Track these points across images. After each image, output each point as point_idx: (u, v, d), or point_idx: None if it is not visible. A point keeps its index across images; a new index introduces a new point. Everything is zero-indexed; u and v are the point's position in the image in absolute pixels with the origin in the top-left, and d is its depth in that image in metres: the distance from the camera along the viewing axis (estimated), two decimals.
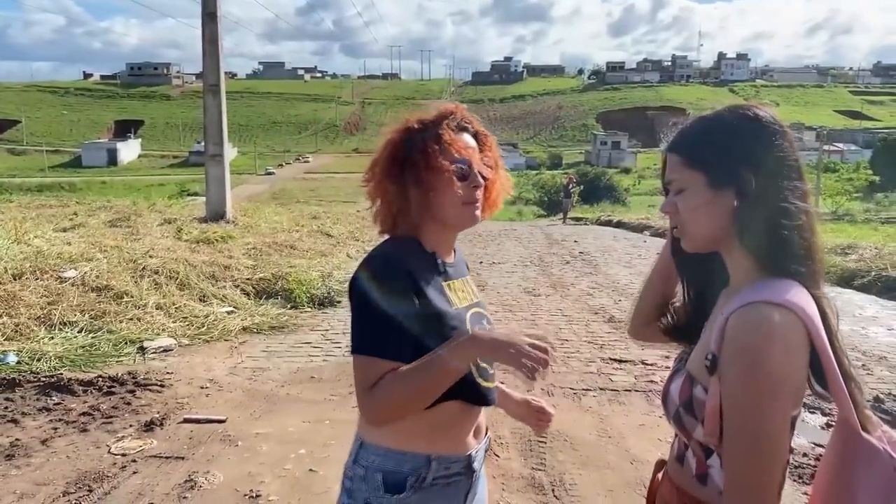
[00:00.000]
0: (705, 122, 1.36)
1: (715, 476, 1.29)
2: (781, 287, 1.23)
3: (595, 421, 4.62)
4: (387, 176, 1.59)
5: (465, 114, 1.66)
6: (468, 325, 1.58)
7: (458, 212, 1.60)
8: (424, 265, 1.58)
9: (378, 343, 1.48)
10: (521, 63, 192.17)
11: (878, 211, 44.20)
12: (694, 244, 1.37)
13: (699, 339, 1.41)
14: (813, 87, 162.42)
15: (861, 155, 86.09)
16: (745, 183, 1.27)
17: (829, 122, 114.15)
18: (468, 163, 1.59)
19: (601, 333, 6.90)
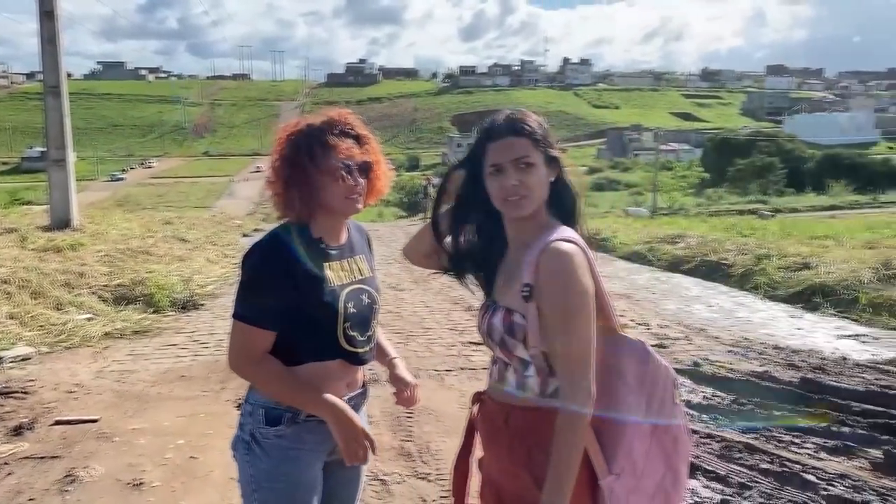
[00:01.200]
0: (531, 116, 1.81)
1: (531, 383, 1.70)
2: (568, 231, 1.72)
3: (456, 396, 5.06)
4: (280, 174, 1.92)
5: (348, 119, 2.00)
6: (342, 301, 1.93)
7: (342, 203, 1.94)
8: (308, 247, 1.90)
9: (256, 314, 1.85)
10: (375, 65, 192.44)
11: (709, 205, 48.31)
12: (529, 209, 1.75)
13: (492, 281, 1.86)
14: (649, 90, 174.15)
15: (693, 154, 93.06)
16: (559, 163, 1.78)
17: (664, 123, 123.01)
18: (348, 163, 1.93)
19: (461, 321, 7.39)
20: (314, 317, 1.90)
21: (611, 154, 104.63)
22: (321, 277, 1.91)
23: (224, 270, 10.98)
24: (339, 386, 1.97)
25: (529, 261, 1.67)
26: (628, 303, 8.29)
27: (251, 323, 1.85)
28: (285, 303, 1.84)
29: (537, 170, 1.73)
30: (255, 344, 1.86)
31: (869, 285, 7.69)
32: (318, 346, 1.92)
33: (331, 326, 1.92)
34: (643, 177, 77.33)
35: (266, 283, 1.84)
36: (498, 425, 1.77)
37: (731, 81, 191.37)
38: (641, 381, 1.73)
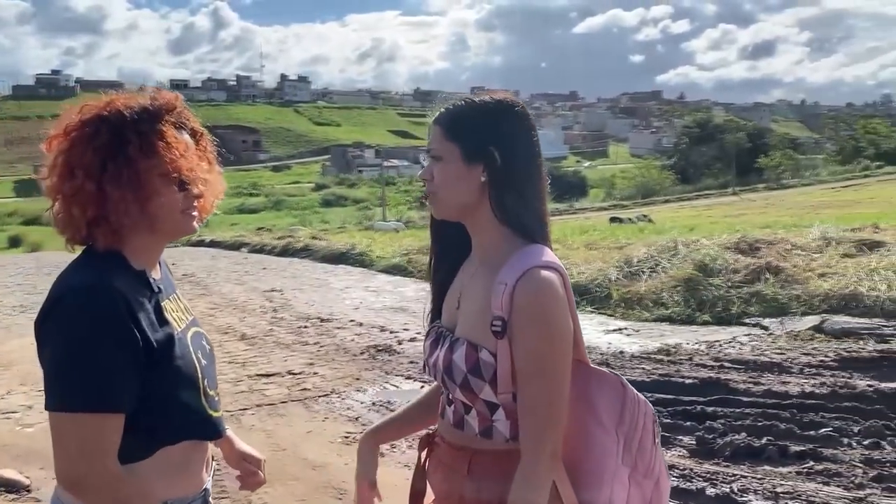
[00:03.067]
0: (467, 104, 1.48)
1: (500, 428, 1.43)
2: (541, 251, 1.42)
3: (262, 437, 4.53)
4: (86, 174, 1.30)
5: (184, 108, 1.47)
6: (192, 352, 1.43)
7: (176, 220, 1.40)
8: (135, 287, 1.34)
9: (105, 394, 1.25)
10: (72, 77, 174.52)
11: None
12: (444, 211, 1.48)
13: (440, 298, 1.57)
14: (367, 108, 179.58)
15: (412, 169, 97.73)
16: (493, 160, 1.42)
17: (384, 141, 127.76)
18: (183, 172, 1.40)
19: (238, 352, 6.74)
20: (170, 382, 1.36)
21: (336, 170, 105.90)
22: (169, 327, 1.38)
23: None
24: (199, 472, 1.47)
25: (501, 289, 1.37)
26: (408, 316, 8.23)
27: (104, 408, 1.25)
28: (132, 371, 1.28)
29: (446, 165, 1.43)
30: (111, 439, 1.27)
31: (617, 282, 8.46)
32: (178, 421, 1.38)
33: (191, 390, 1.40)
34: (369, 192, 79.56)
35: (108, 350, 1.25)
36: (459, 473, 1.48)
37: (441, 102, 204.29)
38: (619, 420, 1.50)
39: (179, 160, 1.37)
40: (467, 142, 1.42)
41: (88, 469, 1.25)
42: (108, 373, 1.25)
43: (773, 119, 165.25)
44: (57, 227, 1.38)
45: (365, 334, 7.33)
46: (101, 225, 1.33)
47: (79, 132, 1.35)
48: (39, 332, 1.30)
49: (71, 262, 1.37)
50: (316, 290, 10.58)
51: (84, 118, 1.37)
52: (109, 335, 1.25)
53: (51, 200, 1.38)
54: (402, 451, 4.26)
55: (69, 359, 1.24)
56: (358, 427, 4.68)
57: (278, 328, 7.80)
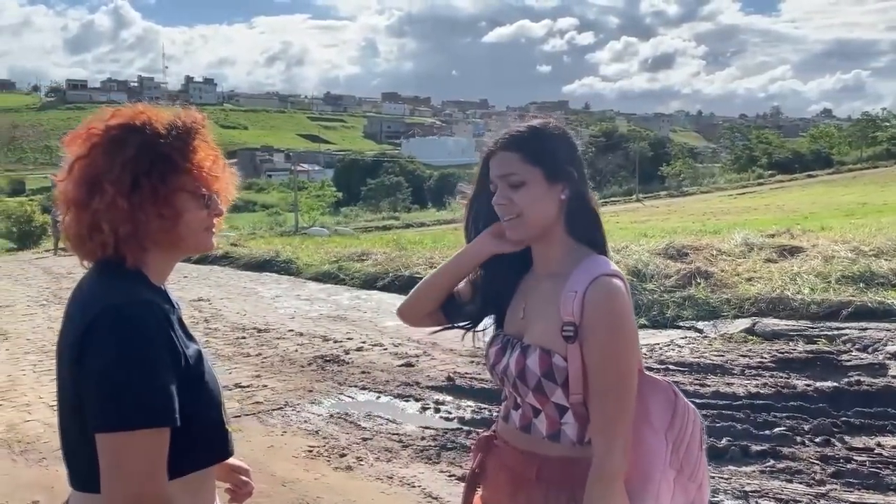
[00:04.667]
0: (537, 129, 1.56)
1: (568, 431, 1.49)
2: (605, 261, 1.52)
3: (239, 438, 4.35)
4: (118, 189, 1.25)
5: (204, 125, 1.42)
6: (211, 366, 1.41)
7: (199, 237, 1.39)
8: (162, 303, 1.32)
9: (159, 409, 1.22)
10: None
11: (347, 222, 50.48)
12: (530, 233, 1.54)
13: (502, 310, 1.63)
14: (276, 112, 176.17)
15: (324, 174, 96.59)
16: (572, 178, 1.53)
17: (294, 145, 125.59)
18: (211, 192, 1.39)
19: None
20: (202, 398, 1.33)
21: (244, 175, 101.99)
22: (196, 343, 1.37)
23: None
24: (214, 488, 1.46)
25: (572, 296, 1.45)
26: (347, 325, 8.11)
27: (161, 423, 1.21)
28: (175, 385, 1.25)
29: (530, 188, 1.50)
30: (164, 456, 1.23)
31: None
32: (208, 440, 1.36)
33: (217, 406, 1.38)
34: (280, 197, 78.00)
35: (158, 365, 1.22)
36: (526, 477, 1.54)
37: (352, 106, 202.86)
38: (669, 425, 1.59)
39: (209, 178, 1.37)
40: (549, 164, 1.50)
41: (146, 490, 1.21)
42: (161, 387, 1.22)
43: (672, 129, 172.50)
44: (72, 241, 1.32)
45: (308, 344, 7.17)
46: (130, 242, 1.29)
47: (104, 140, 1.30)
48: (78, 357, 1.23)
49: (96, 280, 1.32)
50: (245, 298, 10.29)
51: (112, 125, 1.32)
52: (157, 350, 1.24)
53: (64, 210, 1.31)
54: (369, 464, 4.19)
55: (121, 376, 1.19)
56: (319, 440, 4.58)
57: (215, 339, 7.53)
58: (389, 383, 5.75)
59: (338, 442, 4.55)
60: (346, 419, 4.98)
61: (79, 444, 1.23)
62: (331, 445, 4.49)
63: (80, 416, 1.23)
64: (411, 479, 3.98)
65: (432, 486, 3.88)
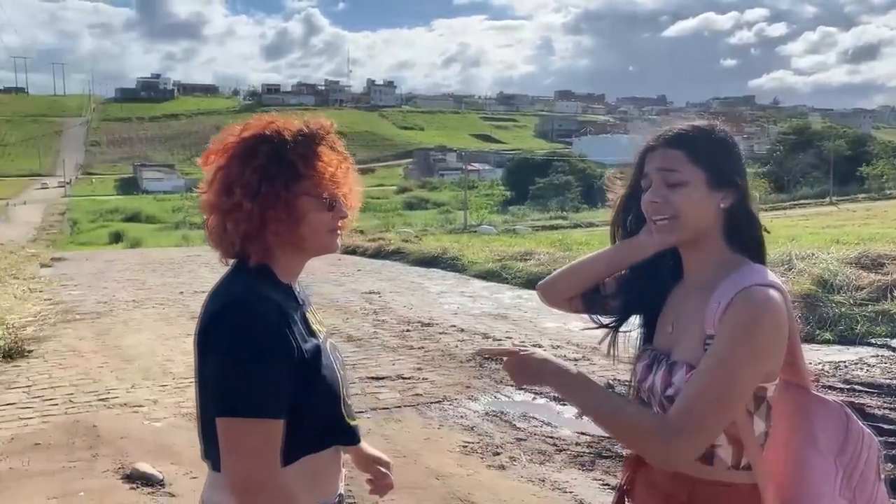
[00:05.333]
0: (704, 130, 1.47)
1: (721, 454, 1.37)
2: (760, 271, 1.39)
3: (381, 441, 4.53)
4: (244, 192, 1.36)
5: (334, 133, 1.50)
6: (333, 362, 1.47)
7: (323, 239, 1.46)
8: (285, 298, 1.41)
9: (274, 401, 1.31)
10: (171, 80, 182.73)
11: (514, 221, 50.67)
12: (684, 235, 1.45)
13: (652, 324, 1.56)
14: (451, 112, 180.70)
15: (494, 173, 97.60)
16: (737, 187, 1.43)
17: (466, 144, 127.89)
18: (336, 195, 1.45)
19: (347, 353, 6.81)
20: (317, 391, 1.40)
21: (418, 174, 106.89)
22: (316, 338, 1.43)
23: (38, 308, 9.54)
24: (335, 478, 1.51)
25: (716, 307, 1.35)
26: (508, 323, 8.14)
27: (276, 414, 1.31)
28: (288, 378, 1.34)
29: (690, 190, 1.41)
30: (279, 442, 1.32)
31: None
32: (322, 429, 1.43)
33: (334, 399, 1.44)
34: (451, 195, 79.94)
35: (273, 359, 1.30)
36: (677, 500, 1.44)
37: (524, 105, 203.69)
38: (840, 451, 1.44)
39: (332, 182, 1.43)
40: (714, 168, 1.42)
41: (262, 475, 1.30)
42: (275, 380, 1.30)
43: (875, 126, 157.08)
44: (211, 240, 1.44)
45: (468, 341, 7.28)
46: (254, 242, 1.38)
47: (238, 150, 1.41)
48: (203, 343, 1.34)
49: (225, 276, 1.44)
50: (413, 293, 10.63)
51: (245, 136, 1.42)
52: (273, 344, 1.31)
53: (206, 214, 1.44)
54: (522, 465, 4.18)
55: (238, 368, 1.29)
56: (474, 437, 4.63)
57: (382, 331, 7.85)
58: None
59: (492, 440, 4.58)
60: (501, 418, 5.00)
61: (209, 426, 1.33)
62: (485, 443, 4.53)
63: (208, 400, 1.34)
64: (563, 484, 3.92)
65: (584, 494, 3.80)
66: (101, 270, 14.47)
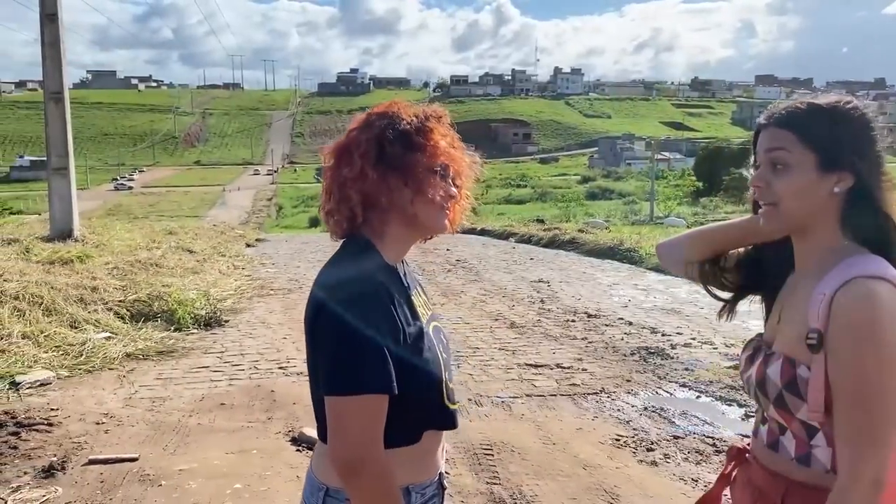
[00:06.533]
0: (820, 108, 1.35)
1: (819, 455, 1.30)
2: (873, 261, 1.27)
3: (533, 428, 4.56)
4: (364, 159, 1.41)
5: (449, 123, 1.53)
6: (436, 345, 1.48)
7: (433, 215, 1.47)
8: (392, 279, 1.44)
9: (381, 377, 1.34)
10: (367, 75, 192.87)
11: (705, 214, 48.11)
12: (787, 223, 1.37)
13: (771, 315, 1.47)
14: (640, 100, 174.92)
15: (685, 163, 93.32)
16: (855, 170, 1.31)
17: (655, 133, 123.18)
18: (448, 167, 1.48)
19: (508, 339, 6.89)
20: (420, 375, 1.42)
21: (603, 163, 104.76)
22: (420, 321, 1.46)
23: (238, 283, 10.49)
24: (436, 459, 1.55)
25: (820, 299, 1.25)
26: (680, 319, 7.82)
27: (382, 389, 1.34)
28: (393, 357, 1.36)
29: (795, 173, 1.31)
30: (383, 423, 1.36)
31: None
32: (424, 413, 1.47)
33: (435, 383, 1.47)
34: (637, 186, 77.48)
35: (379, 338, 1.34)
36: (771, 500, 1.37)
37: (720, 91, 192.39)
38: None
39: (444, 157, 1.46)
40: (826, 150, 1.31)
41: (367, 453, 1.34)
42: (381, 358, 1.34)
43: None
44: (328, 217, 1.49)
45: (635, 334, 7.08)
46: (375, 209, 1.43)
47: (358, 125, 1.48)
48: (313, 323, 1.39)
49: (333, 257, 1.47)
50: (583, 283, 10.49)
51: (370, 113, 1.50)
52: (378, 325, 1.35)
53: (326, 192, 1.49)
54: (676, 462, 4.03)
55: (346, 347, 1.33)
56: (628, 431, 4.52)
57: (546, 319, 7.85)
58: (713, 384, 5.42)
59: (647, 435, 4.45)
60: (660, 414, 4.84)
61: (319, 402, 1.40)
62: (639, 438, 4.41)
63: (318, 380, 1.41)
64: None
65: None
66: (297, 251, 15.64)
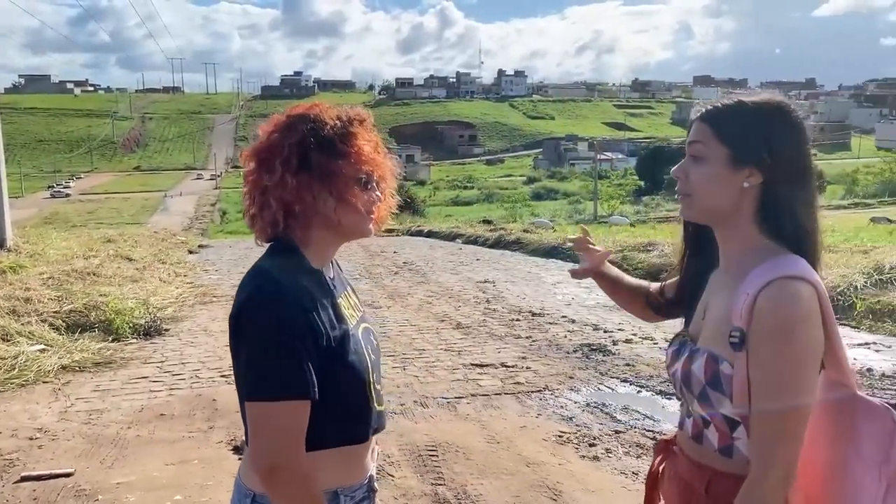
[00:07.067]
0: (742, 105, 1.40)
1: (741, 447, 1.34)
2: (793, 262, 1.30)
3: (477, 428, 4.59)
4: (288, 168, 1.39)
5: (372, 125, 1.54)
6: (363, 348, 1.49)
7: (357, 220, 1.47)
8: (315, 284, 1.43)
9: (299, 383, 1.33)
10: (311, 77, 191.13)
11: (647, 212, 49.16)
12: (696, 215, 1.42)
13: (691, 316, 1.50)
14: (583, 101, 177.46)
15: (627, 163, 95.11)
16: (765, 166, 1.34)
17: (598, 134, 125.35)
18: (372, 171, 1.48)
19: (454, 340, 6.93)
20: (344, 377, 1.42)
21: (548, 164, 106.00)
22: (345, 324, 1.45)
23: (179, 291, 10.27)
24: (364, 461, 1.54)
25: (743, 298, 1.29)
26: (621, 315, 7.95)
27: (300, 395, 1.33)
28: (314, 362, 1.36)
29: (708, 166, 1.36)
30: (304, 428, 1.36)
31: (864, 291, 7.56)
32: (349, 417, 1.46)
33: (361, 386, 1.47)
34: (581, 186, 78.70)
35: (298, 343, 1.34)
36: (696, 490, 1.42)
37: (660, 92, 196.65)
38: (884, 458, 1.33)
39: (368, 162, 1.46)
40: (737, 146, 1.35)
41: (286, 458, 1.34)
42: (300, 363, 1.33)
43: None
44: (251, 221, 1.48)
45: (578, 331, 7.20)
46: (296, 217, 1.43)
47: (279, 128, 1.45)
48: (234, 327, 1.39)
49: (256, 263, 1.47)
50: (527, 283, 10.61)
51: (290, 115, 1.48)
52: (298, 330, 1.34)
53: (248, 196, 1.47)
54: (618, 457, 4.11)
55: (265, 352, 1.33)
56: (572, 427, 4.59)
57: (491, 319, 7.91)
58: (653, 378, 5.55)
59: (589, 431, 4.53)
60: (602, 409, 4.93)
61: (244, 409, 1.39)
62: (582, 434, 4.49)
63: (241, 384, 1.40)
64: None
65: None
66: (241, 257, 15.37)
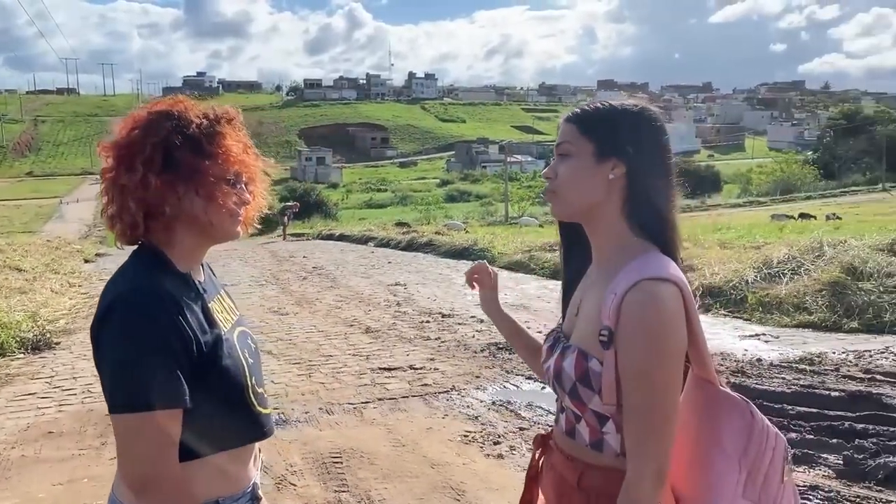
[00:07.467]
0: (606, 105, 1.45)
1: (610, 441, 1.37)
2: (659, 262, 1.34)
3: (384, 432, 4.56)
4: (147, 167, 1.31)
5: (241, 123, 1.48)
6: (239, 352, 1.44)
7: (224, 222, 1.41)
8: (182, 290, 1.36)
9: (166, 392, 1.26)
10: (215, 78, 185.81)
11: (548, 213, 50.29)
12: (564, 210, 1.44)
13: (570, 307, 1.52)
14: (492, 104, 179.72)
15: (536, 165, 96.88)
16: (627, 157, 1.37)
17: (508, 136, 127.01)
18: (241, 174, 1.43)
19: (363, 345, 6.86)
20: (220, 382, 1.37)
21: (460, 166, 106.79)
22: (217, 329, 1.40)
23: (73, 301, 9.81)
24: (247, 468, 1.49)
25: (612, 298, 1.32)
26: (528, 313, 8.10)
27: (169, 405, 1.26)
28: (185, 369, 1.30)
29: (575, 162, 1.39)
30: (175, 438, 1.29)
31: (754, 284, 7.95)
32: (226, 423, 1.39)
33: (238, 390, 1.41)
34: (492, 188, 79.72)
35: (165, 351, 1.27)
36: (569, 482, 1.45)
37: (566, 96, 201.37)
38: (743, 450, 1.38)
39: (236, 163, 1.41)
40: (601, 138, 1.38)
41: (158, 470, 1.27)
42: (167, 372, 1.27)
43: None
44: (110, 222, 1.39)
45: (486, 331, 7.27)
46: (157, 220, 1.35)
47: (141, 125, 1.37)
48: (95, 337, 1.31)
49: (119, 268, 1.40)
50: (438, 284, 10.65)
51: (151, 111, 1.40)
52: (163, 338, 1.28)
53: (106, 195, 1.39)
54: (521, 454, 4.16)
55: (129, 361, 1.26)
56: (476, 426, 4.62)
57: (401, 322, 7.89)
58: None
59: (494, 429, 4.57)
60: (506, 407, 4.98)
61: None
62: (487, 432, 4.52)
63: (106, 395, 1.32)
64: None
65: None
66: None
